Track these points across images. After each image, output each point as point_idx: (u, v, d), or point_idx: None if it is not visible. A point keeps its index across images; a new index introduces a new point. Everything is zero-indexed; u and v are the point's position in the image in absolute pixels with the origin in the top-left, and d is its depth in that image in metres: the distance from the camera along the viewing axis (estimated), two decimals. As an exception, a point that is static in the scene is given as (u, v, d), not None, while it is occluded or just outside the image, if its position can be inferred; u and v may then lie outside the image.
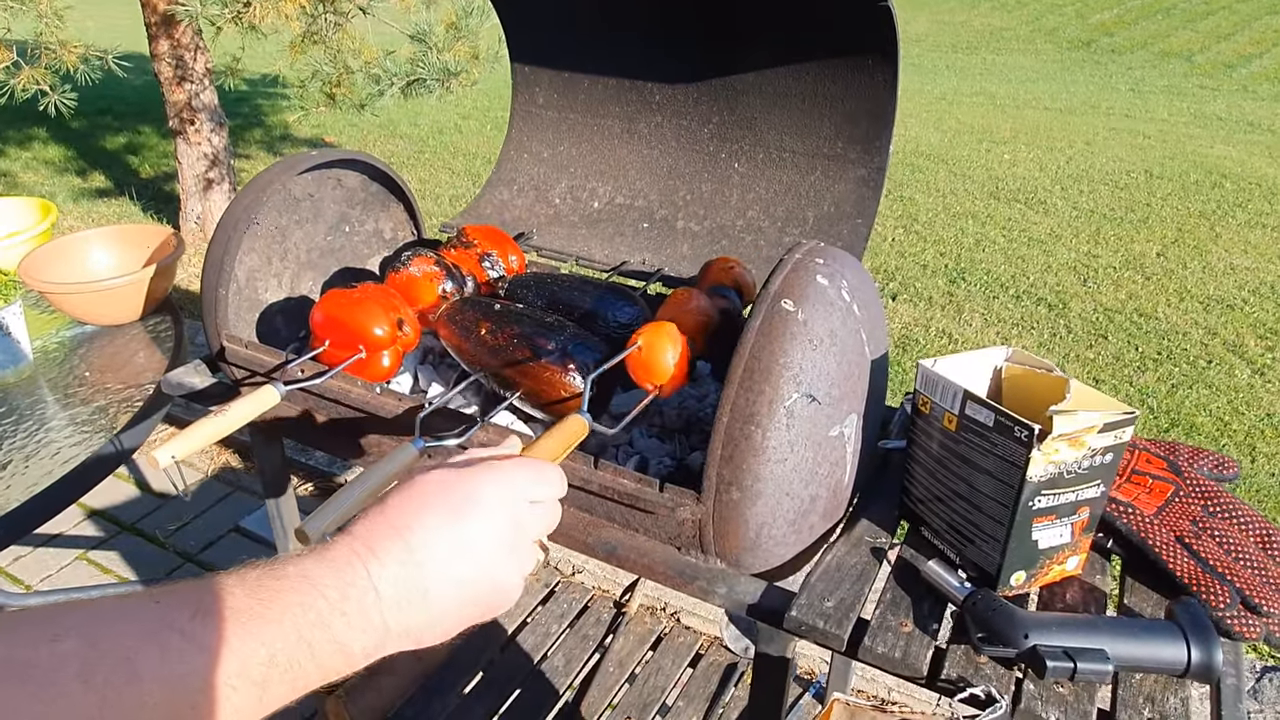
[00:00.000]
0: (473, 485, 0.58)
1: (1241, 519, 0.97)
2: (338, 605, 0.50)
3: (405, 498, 0.57)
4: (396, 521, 0.55)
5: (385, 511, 0.56)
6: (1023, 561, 0.89)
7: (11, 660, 0.41)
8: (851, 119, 1.30)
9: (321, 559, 0.52)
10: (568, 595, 2.06)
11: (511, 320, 1.14)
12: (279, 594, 0.49)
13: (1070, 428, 0.82)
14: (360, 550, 0.53)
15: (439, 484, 0.58)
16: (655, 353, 1.01)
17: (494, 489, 0.59)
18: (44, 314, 1.71)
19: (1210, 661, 0.79)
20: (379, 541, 0.54)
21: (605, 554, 0.99)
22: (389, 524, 0.55)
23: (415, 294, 1.24)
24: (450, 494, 0.57)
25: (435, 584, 0.55)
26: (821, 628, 0.87)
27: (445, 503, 0.57)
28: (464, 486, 0.58)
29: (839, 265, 0.98)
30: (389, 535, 0.54)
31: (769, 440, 0.88)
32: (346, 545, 0.54)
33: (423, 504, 0.57)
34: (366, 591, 0.52)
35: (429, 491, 0.58)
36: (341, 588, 0.51)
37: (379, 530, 0.55)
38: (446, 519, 0.56)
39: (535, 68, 1.57)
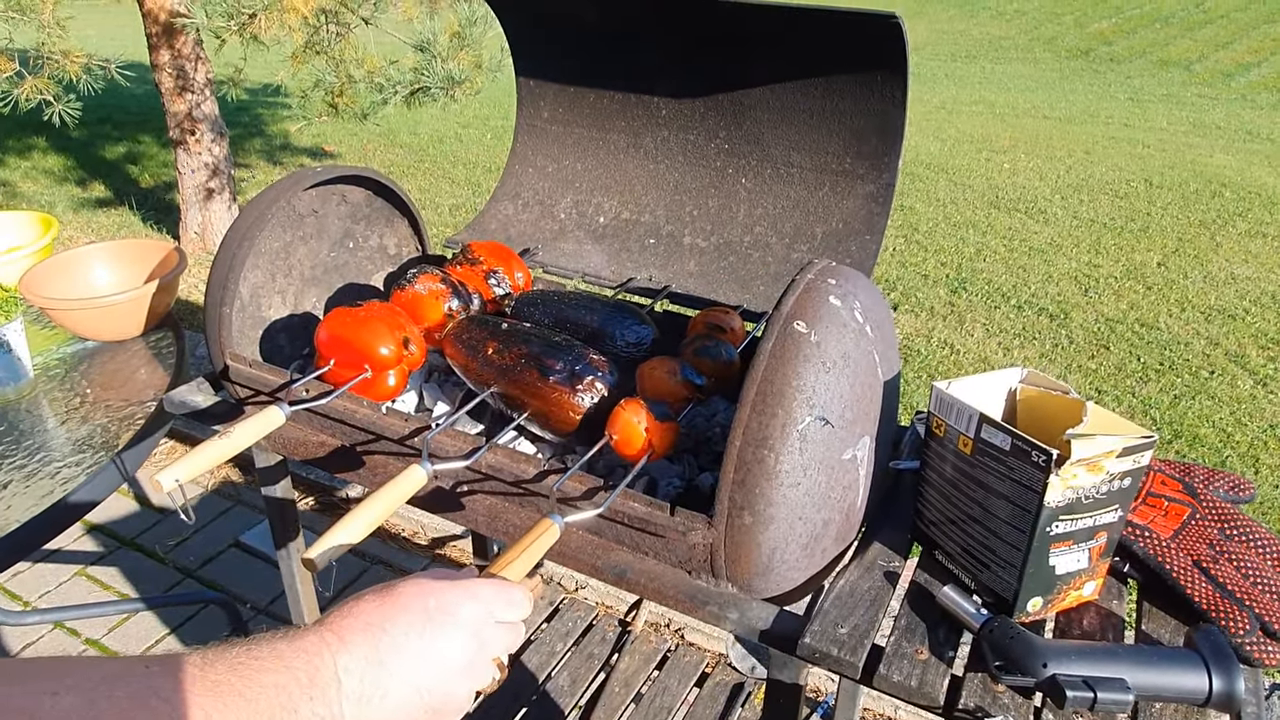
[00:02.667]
0: (449, 598, 0.62)
1: (1259, 542, 0.96)
2: (306, 689, 0.53)
3: (383, 598, 0.60)
4: (370, 619, 0.58)
5: (361, 607, 0.59)
6: (1040, 587, 0.88)
7: (14, 708, 0.43)
8: (860, 135, 1.30)
9: (294, 643, 0.55)
10: (572, 613, 2.04)
11: (519, 340, 1.13)
12: (256, 673, 0.52)
13: (1089, 452, 0.81)
14: (331, 641, 0.56)
15: (417, 592, 0.61)
16: (630, 434, 0.99)
17: (468, 606, 0.62)
18: (45, 330, 1.70)
19: (1232, 690, 0.78)
20: (350, 635, 0.57)
21: (615, 578, 0.98)
22: (363, 620, 0.58)
23: (421, 312, 1.23)
24: (425, 603, 0.61)
25: (395, 686, 0.57)
26: (836, 655, 0.86)
27: (420, 610, 0.60)
28: (440, 598, 0.61)
29: (851, 285, 0.97)
30: (360, 631, 0.57)
31: (782, 464, 0.87)
32: (318, 634, 0.56)
33: (397, 607, 0.60)
34: (331, 682, 0.54)
35: (406, 596, 0.60)
36: (310, 673, 0.54)
37: (352, 624, 0.58)
38: (418, 627, 0.59)
39: (540, 82, 1.56)
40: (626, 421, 1.00)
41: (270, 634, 0.55)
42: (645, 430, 0.99)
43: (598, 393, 1.06)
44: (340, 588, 2.35)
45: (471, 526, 1.09)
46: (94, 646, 2.17)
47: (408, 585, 0.62)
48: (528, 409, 1.09)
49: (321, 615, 0.59)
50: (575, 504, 0.99)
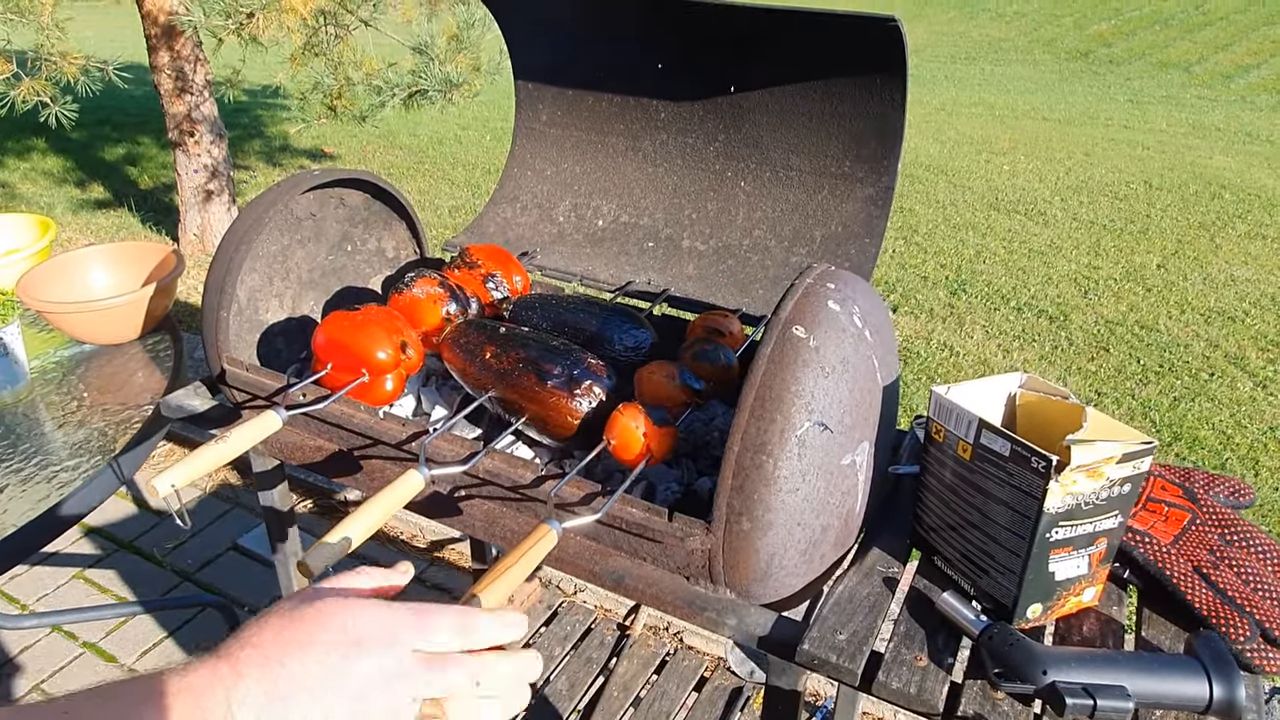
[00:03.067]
0: (370, 630, 0.54)
1: (1260, 548, 0.95)
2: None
3: (291, 620, 0.53)
4: (270, 651, 0.52)
5: (263, 634, 0.53)
6: (1039, 594, 0.88)
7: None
8: (859, 138, 1.29)
9: (184, 679, 0.50)
10: (571, 617, 2.04)
11: (516, 344, 1.12)
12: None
13: (1088, 458, 0.81)
14: (224, 674, 0.51)
15: (335, 611, 0.54)
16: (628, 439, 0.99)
17: (396, 631, 0.54)
18: (42, 333, 1.69)
19: (1233, 698, 0.78)
20: (247, 667, 0.51)
21: (613, 583, 0.98)
22: (263, 652, 0.52)
23: (419, 316, 1.23)
24: (343, 625, 0.53)
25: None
26: (834, 662, 0.85)
27: (334, 636, 0.53)
28: (362, 622, 0.54)
29: (850, 290, 0.97)
30: (259, 664, 0.51)
31: (780, 470, 0.87)
32: (211, 667, 0.51)
33: (306, 632, 0.53)
34: (226, 716, 0.49)
35: (322, 617, 0.54)
36: (200, 713, 0.49)
37: (250, 655, 0.52)
38: (330, 657, 0.52)
39: (539, 85, 1.56)
40: (624, 426, 0.99)
41: (162, 671, 0.50)
42: (643, 435, 0.99)
43: (595, 397, 1.06)
44: (338, 591, 2.34)
45: (469, 532, 1.08)
46: (91, 650, 2.17)
47: (327, 604, 0.54)
48: (526, 413, 1.09)
49: (220, 643, 0.53)
50: (573, 509, 0.99)
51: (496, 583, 0.77)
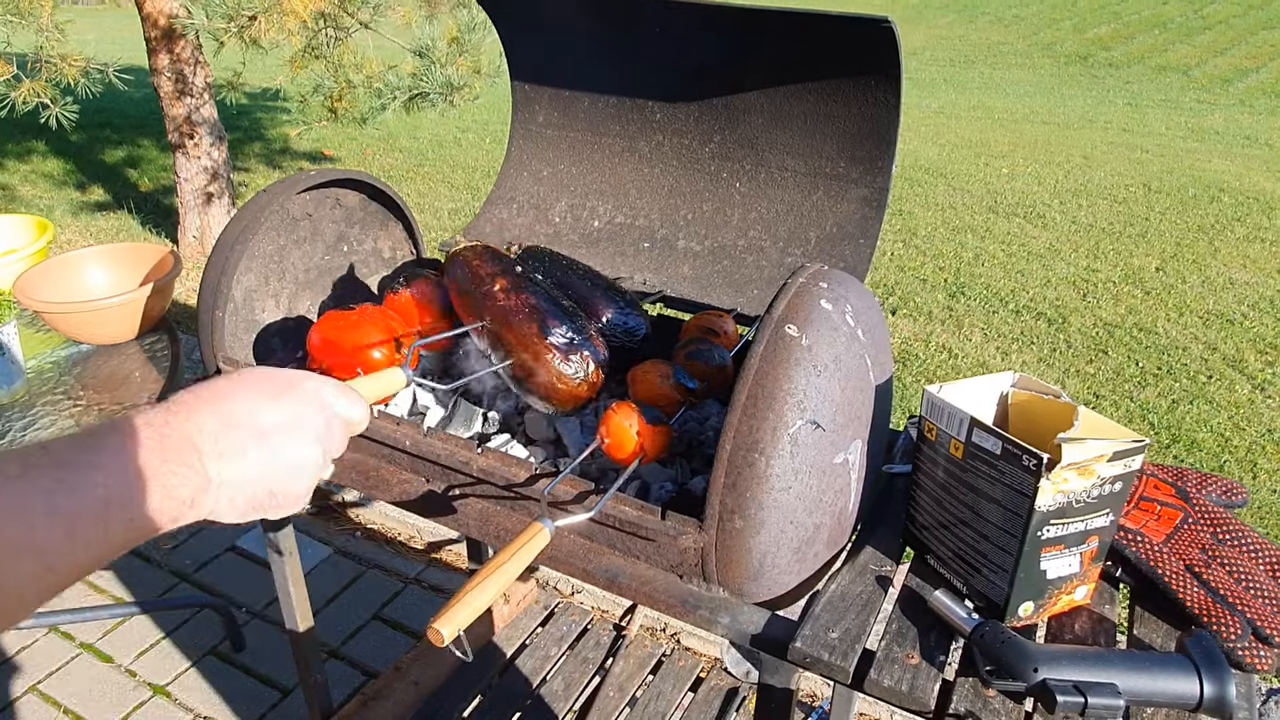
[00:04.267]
0: (294, 377, 0.66)
1: (1251, 547, 0.96)
2: (159, 454, 0.54)
3: (225, 376, 0.63)
4: (216, 391, 0.60)
5: (200, 386, 0.61)
6: (1031, 592, 0.88)
7: None
8: (854, 139, 1.30)
9: (144, 415, 0.56)
10: (567, 617, 2.04)
11: (529, 288, 1.12)
12: (104, 447, 0.53)
13: (1079, 456, 0.81)
14: (176, 411, 0.58)
15: (262, 372, 0.64)
16: (622, 437, 0.99)
17: (313, 384, 0.66)
18: (39, 333, 1.70)
19: (1223, 696, 0.78)
20: (197, 404, 0.59)
21: (606, 582, 0.98)
22: (208, 393, 0.60)
23: (413, 315, 1.23)
24: (272, 380, 0.64)
25: (252, 448, 0.60)
26: (826, 660, 0.85)
27: (266, 385, 0.63)
28: (287, 376, 0.65)
29: (843, 289, 0.97)
30: (208, 401, 0.59)
31: (773, 468, 0.87)
32: (167, 408, 0.58)
33: (242, 381, 0.62)
34: (185, 444, 0.56)
35: (250, 374, 0.64)
36: (160, 440, 0.55)
37: (196, 398, 0.59)
38: (266, 396, 0.62)
39: (535, 86, 1.57)
40: (618, 425, 0.99)
41: (123, 414, 0.57)
42: (637, 433, 0.99)
43: (587, 369, 1.06)
44: (335, 591, 2.34)
45: (463, 530, 1.08)
46: (89, 650, 2.17)
47: (248, 369, 0.65)
48: (512, 357, 1.09)
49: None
50: (566, 508, 0.99)
51: (489, 580, 0.78)
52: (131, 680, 2.09)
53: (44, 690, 2.06)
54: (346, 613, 2.28)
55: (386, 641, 2.20)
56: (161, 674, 2.11)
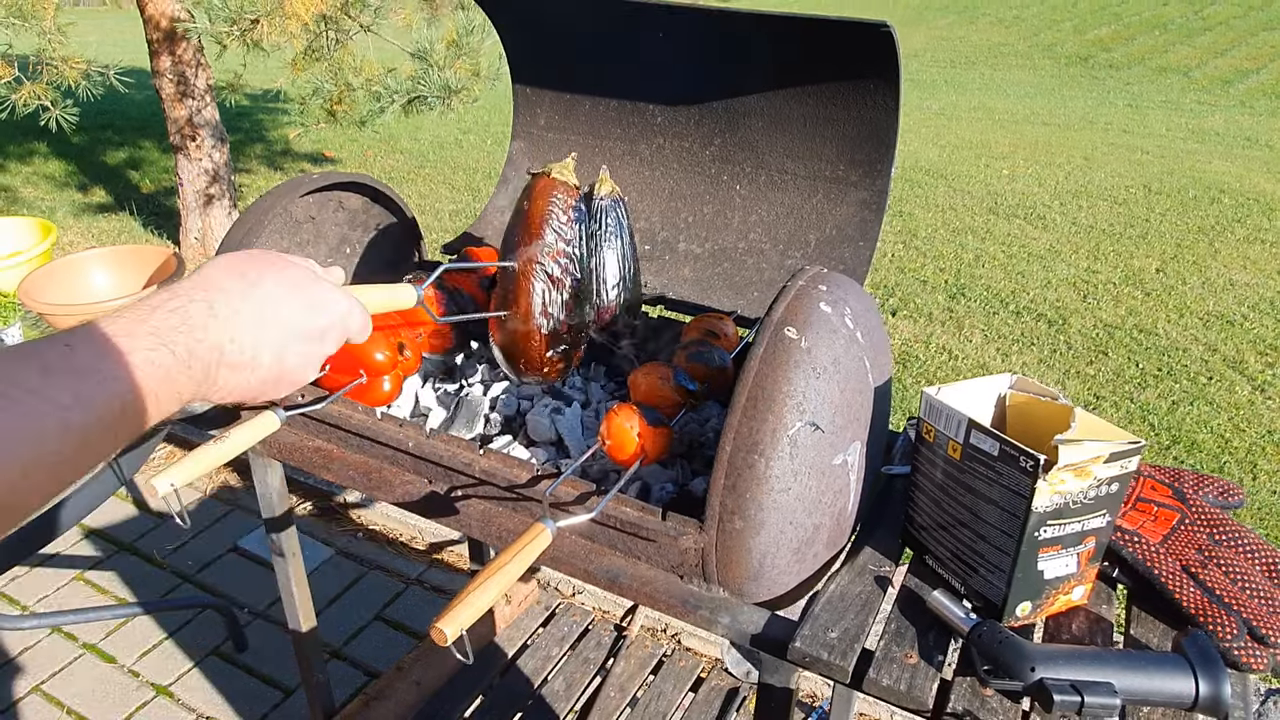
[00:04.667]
0: (324, 297, 0.71)
1: (1248, 547, 0.96)
2: (184, 362, 0.58)
3: (264, 265, 0.67)
4: (246, 284, 0.65)
5: (242, 269, 0.65)
6: (1028, 592, 0.89)
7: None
8: (853, 142, 1.30)
9: (166, 292, 0.61)
10: (568, 617, 2.05)
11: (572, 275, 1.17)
12: (130, 354, 0.55)
13: (1076, 458, 0.82)
14: (201, 288, 0.62)
15: (298, 276, 0.69)
16: (623, 439, 1.00)
17: (341, 307, 0.73)
18: (43, 335, 1.70)
19: (1218, 695, 0.79)
20: (236, 303, 0.63)
21: (607, 582, 0.99)
22: (242, 289, 0.64)
23: (416, 318, 1.24)
24: (306, 291, 0.69)
25: (272, 352, 0.65)
26: (826, 659, 0.86)
27: (302, 294, 0.68)
28: (318, 293, 0.70)
29: (842, 291, 0.98)
30: (242, 297, 0.64)
31: (772, 469, 0.88)
32: (190, 285, 0.62)
33: (280, 277, 0.67)
34: (213, 352, 0.60)
35: (290, 273, 0.68)
36: (189, 352, 0.59)
37: (224, 275, 0.64)
38: (302, 308, 0.68)
39: (537, 89, 1.57)
40: (619, 426, 1.00)
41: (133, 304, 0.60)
42: (638, 435, 1.00)
43: (558, 329, 1.13)
44: (337, 592, 2.35)
45: (465, 531, 1.09)
46: (92, 651, 2.17)
47: (284, 261, 0.69)
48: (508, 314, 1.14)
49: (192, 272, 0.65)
50: (568, 508, 1.00)
51: (492, 580, 0.78)
52: (134, 680, 2.10)
53: (47, 690, 2.06)
54: (348, 613, 2.29)
55: (388, 642, 2.20)
56: (164, 674, 2.12)
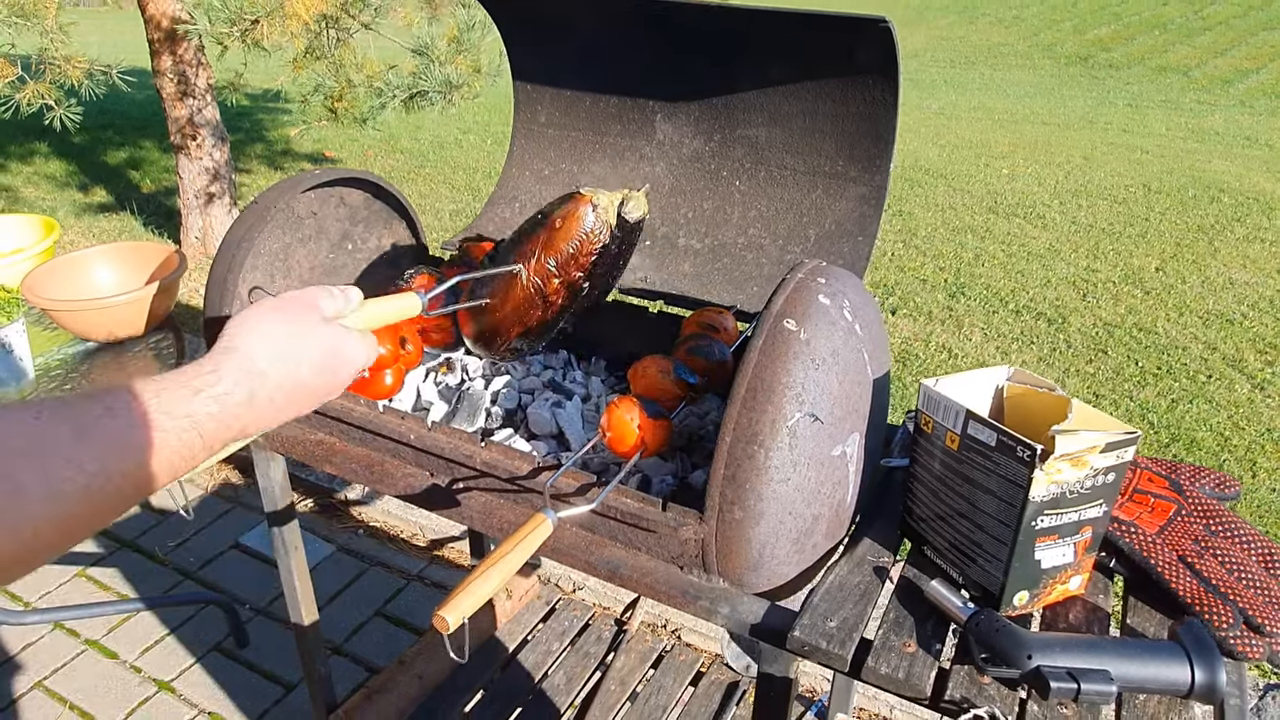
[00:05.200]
0: (344, 360, 0.74)
1: (1244, 538, 0.97)
2: (197, 439, 0.59)
3: (290, 336, 0.70)
4: (272, 354, 0.68)
5: (270, 334, 0.69)
6: (1026, 581, 0.89)
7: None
8: (852, 137, 1.31)
9: (210, 367, 0.63)
10: (568, 613, 2.05)
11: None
12: (179, 399, 0.58)
13: (1072, 447, 0.83)
14: (232, 395, 0.63)
15: (322, 344, 0.72)
16: (623, 431, 1.01)
17: (360, 363, 0.76)
18: (46, 331, 1.71)
19: (1214, 682, 0.79)
20: (256, 386, 0.65)
21: (608, 573, 0.99)
22: (267, 365, 0.67)
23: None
24: (325, 356, 0.72)
25: (289, 406, 0.69)
26: (824, 648, 0.87)
27: (320, 360, 0.72)
28: (338, 359, 0.74)
29: (841, 284, 0.99)
30: (262, 377, 0.66)
31: (772, 460, 0.88)
32: (224, 391, 0.63)
33: (304, 349, 0.70)
34: (229, 422, 0.62)
35: (313, 342, 0.72)
36: (216, 422, 0.61)
37: (256, 374, 0.66)
38: (321, 360, 0.71)
39: (537, 86, 1.58)
40: (620, 419, 1.01)
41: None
42: (638, 427, 1.00)
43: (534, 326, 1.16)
44: (338, 588, 2.36)
45: (466, 523, 1.10)
46: (93, 647, 2.18)
47: (309, 331, 0.72)
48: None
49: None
50: (569, 500, 1.00)
51: (493, 569, 0.79)
52: (136, 676, 2.11)
53: (49, 686, 2.07)
54: (349, 610, 2.30)
55: (389, 638, 2.21)
56: (166, 670, 2.12)
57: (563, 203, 1.13)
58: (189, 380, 0.59)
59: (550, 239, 1.13)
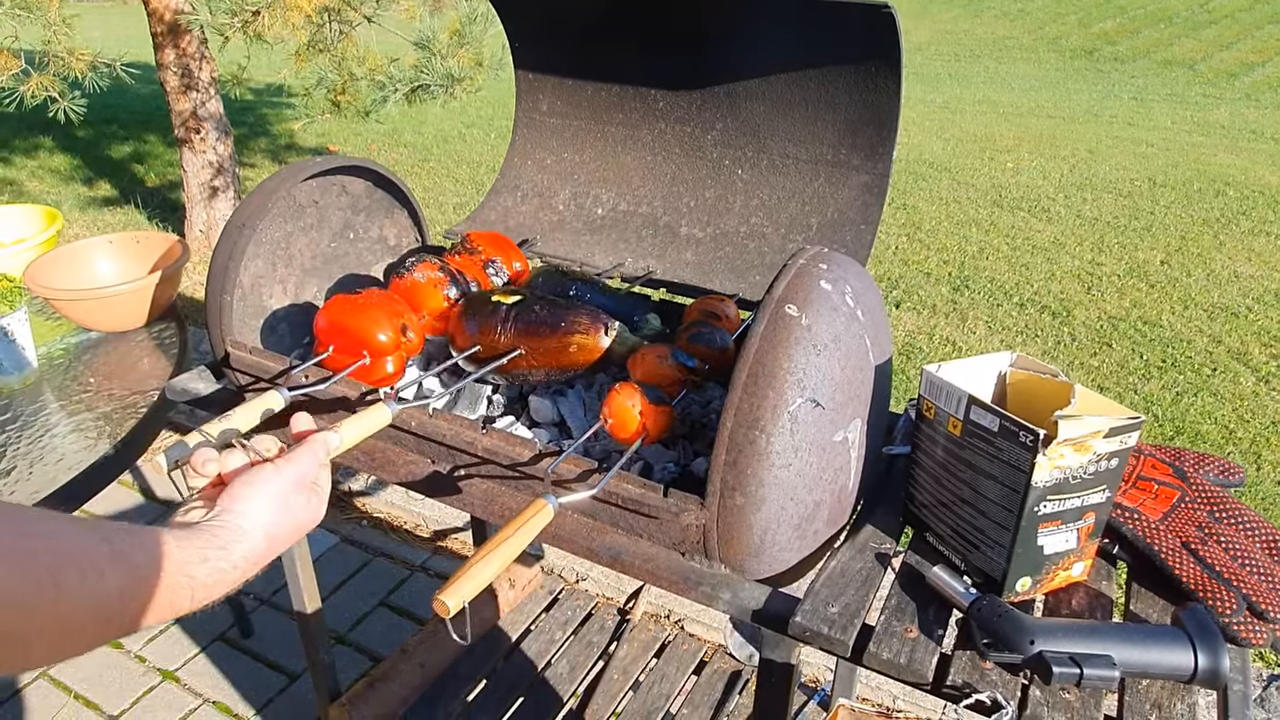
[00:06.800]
0: (305, 523, 0.76)
1: (1248, 525, 0.97)
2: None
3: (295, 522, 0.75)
4: (284, 538, 0.73)
5: (287, 528, 0.74)
6: (1028, 567, 0.89)
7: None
8: (854, 125, 1.31)
9: (231, 541, 0.68)
10: (571, 602, 2.06)
11: (530, 304, 1.17)
12: (191, 562, 0.63)
13: (1075, 433, 0.82)
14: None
15: (290, 529, 0.74)
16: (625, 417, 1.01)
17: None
18: (49, 320, 1.71)
19: (1217, 667, 0.79)
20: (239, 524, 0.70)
21: (610, 560, 0.99)
22: (281, 540, 0.73)
23: (419, 299, 1.25)
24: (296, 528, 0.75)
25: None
26: (826, 633, 0.87)
27: (305, 525, 0.76)
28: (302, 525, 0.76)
29: (842, 270, 0.98)
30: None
31: (773, 445, 0.88)
32: (250, 558, 0.69)
33: (305, 524, 0.76)
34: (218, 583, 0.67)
35: (285, 531, 0.74)
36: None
37: (271, 549, 0.72)
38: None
39: (539, 75, 1.58)
40: (621, 405, 1.01)
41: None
42: (640, 413, 1.00)
43: (614, 331, 1.14)
44: (342, 579, 2.36)
45: (468, 510, 1.10)
46: (98, 637, 2.19)
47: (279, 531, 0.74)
48: (543, 365, 1.15)
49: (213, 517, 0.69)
50: (570, 485, 1.00)
51: (494, 554, 0.79)
52: (141, 666, 2.11)
53: (54, 675, 2.08)
54: (353, 600, 2.30)
55: (392, 627, 2.22)
56: (170, 659, 2.13)
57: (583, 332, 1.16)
58: (202, 547, 0.65)
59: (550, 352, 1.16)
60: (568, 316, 1.15)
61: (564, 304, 1.18)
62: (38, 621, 0.53)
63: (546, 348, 1.14)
